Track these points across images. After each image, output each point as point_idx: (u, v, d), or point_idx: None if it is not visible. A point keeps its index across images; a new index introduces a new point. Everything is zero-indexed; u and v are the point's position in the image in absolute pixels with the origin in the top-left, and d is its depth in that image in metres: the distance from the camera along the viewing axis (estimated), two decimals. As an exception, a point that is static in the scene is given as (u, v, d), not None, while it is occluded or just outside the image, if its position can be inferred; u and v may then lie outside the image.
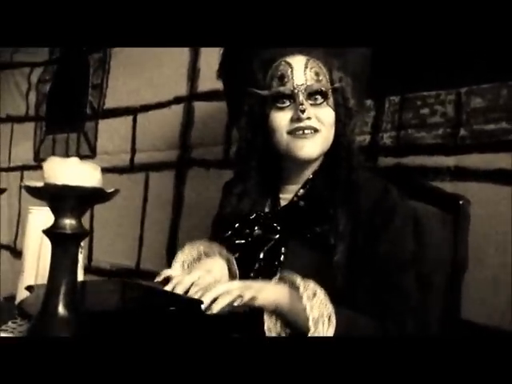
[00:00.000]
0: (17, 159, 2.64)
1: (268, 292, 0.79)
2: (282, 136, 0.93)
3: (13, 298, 0.99)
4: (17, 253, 2.48)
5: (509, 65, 1.05)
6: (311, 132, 0.91)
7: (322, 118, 0.92)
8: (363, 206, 0.89)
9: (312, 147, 0.92)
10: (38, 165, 2.49)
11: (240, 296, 0.75)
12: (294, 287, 0.80)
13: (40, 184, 0.47)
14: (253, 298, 0.76)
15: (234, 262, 0.93)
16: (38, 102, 2.54)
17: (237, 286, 0.79)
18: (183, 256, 0.99)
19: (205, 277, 0.85)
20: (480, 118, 1.08)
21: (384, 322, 0.82)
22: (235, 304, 0.75)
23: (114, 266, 1.97)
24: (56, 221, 0.49)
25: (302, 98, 0.90)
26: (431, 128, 1.14)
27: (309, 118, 0.91)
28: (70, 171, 0.48)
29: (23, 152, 2.58)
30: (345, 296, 0.84)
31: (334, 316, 0.77)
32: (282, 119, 0.93)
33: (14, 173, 2.62)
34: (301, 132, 0.91)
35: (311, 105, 0.92)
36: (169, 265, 1.74)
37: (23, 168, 2.56)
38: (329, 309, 0.77)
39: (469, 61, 1.10)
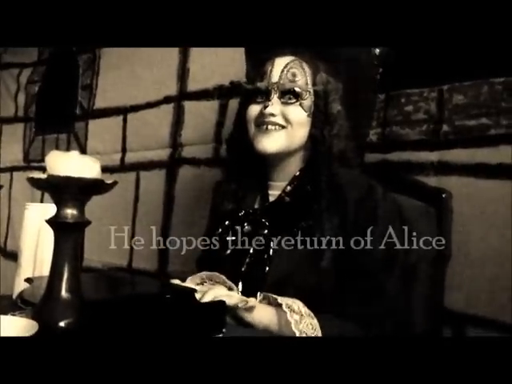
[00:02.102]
0: (6, 160, 2.64)
1: (259, 313, 0.82)
2: (252, 128, 0.98)
3: (4, 297, 1.01)
4: (7, 253, 2.48)
5: (489, 62, 1.09)
6: (275, 128, 0.96)
7: (290, 116, 0.96)
8: (348, 206, 0.92)
9: (271, 142, 0.96)
10: (27, 165, 2.50)
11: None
12: (279, 309, 0.83)
13: (44, 176, 0.49)
14: (249, 309, 0.80)
15: (236, 289, 0.94)
16: (27, 103, 2.54)
17: (236, 296, 0.82)
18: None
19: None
20: (462, 114, 1.12)
21: (368, 324, 0.85)
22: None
23: (105, 265, 1.98)
24: (58, 211, 0.52)
25: (273, 95, 0.95)
26: (415, 124, 1.18)
27: (272, 115, 0.95)
28: (72, 163, 0.50)
29: (12, 153, 2.58)
30: (331, 294, 0.87)
31: (320, 333, 0.80)
32: (253, 112, 0.98)
33: (3, 174, 2.62)
34: (264, 127, 0.96)
35: (282, 103, 0.96)
36: (160, 263, 1.78)
37: (13, 169, 2.57)
38: (316, 329, 0.80)
39: (450, 59, 1.14)
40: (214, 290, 0.79)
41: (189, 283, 0.97)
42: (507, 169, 1.04)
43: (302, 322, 0.80)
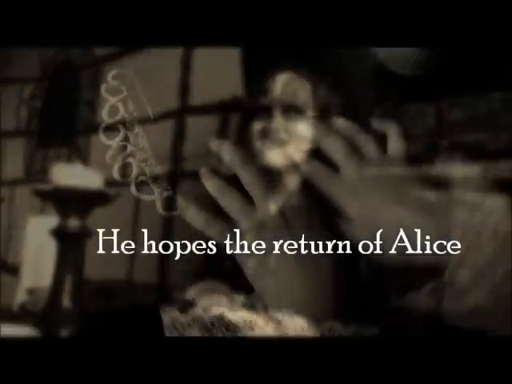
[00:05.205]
0: (7, 174, 2.65)
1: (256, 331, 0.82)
2: (256, 143, 0.99)
3: (4, 308, 1.01)
4: (6, 266, 2.47)
5: (486, 78, 1.11)
6: (279, 143, 0.97)
7: (293, 130, 0.98)
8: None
9: (275, 156, 0.98)
10: (28, 179, 2.50)
11: None
12: (278, 324, 0.83)
13: (49, 187, 0.50)
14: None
15: (238, 300, 0.95)
16: (29, 118, 2.57)
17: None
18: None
19: None
20: (460, 129, 1.13)
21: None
22: None
23: (105, 278, 1.98)
24: (62, 221, 0.52)
25: (275, 110, 0.96)
26: (413, 139, 1.19)
27: (276, 129, 0.96)
28: (76, 175, 0.51)
29: (13, 167, 2.59)
30: (334, 304, 0.87)
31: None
32: (256, 127, 0.99)
33: (3, 187, 2.63)
34: (268, 141, 0.97)
35: (285, 118, 0.98)
36: (160, 276, 1.77)
37: (13, 183, 2.57)
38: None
39: (448, 74, 1.15)
40: (217, 304, 0.79)
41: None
42: (506, 183, 1.05)
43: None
